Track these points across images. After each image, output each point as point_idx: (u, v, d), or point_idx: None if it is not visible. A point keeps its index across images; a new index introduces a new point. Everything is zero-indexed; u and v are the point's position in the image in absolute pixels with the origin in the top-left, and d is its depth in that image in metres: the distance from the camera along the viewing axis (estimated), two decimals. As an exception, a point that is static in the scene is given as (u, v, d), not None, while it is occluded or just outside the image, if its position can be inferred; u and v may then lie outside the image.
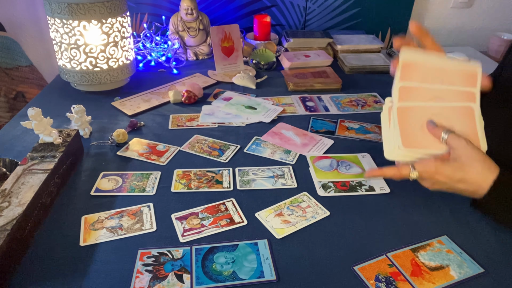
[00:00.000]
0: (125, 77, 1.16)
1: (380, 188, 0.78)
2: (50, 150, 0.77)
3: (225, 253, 0.63)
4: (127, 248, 0.64)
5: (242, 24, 1.54)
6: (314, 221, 0.70)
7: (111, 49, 1.08)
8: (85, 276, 0.59)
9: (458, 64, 0.66)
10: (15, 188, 0.66)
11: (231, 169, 0.83)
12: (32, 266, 0.60)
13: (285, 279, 0.59)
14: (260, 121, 1.02)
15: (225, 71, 1.30)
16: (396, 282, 0.58)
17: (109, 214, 0.71)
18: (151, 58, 1.34)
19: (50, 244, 0.65)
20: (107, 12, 1.03)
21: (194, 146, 0.91)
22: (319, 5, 1.58)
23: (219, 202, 0.74)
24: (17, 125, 0.96)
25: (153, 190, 0.77)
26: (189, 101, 1.10)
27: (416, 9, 1.65)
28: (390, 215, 0.72)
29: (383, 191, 0.77)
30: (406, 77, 0.65)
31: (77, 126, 0.92)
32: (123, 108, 1.06)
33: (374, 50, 1.45)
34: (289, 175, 0.81)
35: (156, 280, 0.58)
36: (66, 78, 1.12)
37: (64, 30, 1.03)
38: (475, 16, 1.72)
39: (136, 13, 1.55)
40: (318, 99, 1.15)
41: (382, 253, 0.63)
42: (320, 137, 0.95)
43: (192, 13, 1.34)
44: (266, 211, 0.72)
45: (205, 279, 0.58)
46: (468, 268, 0.61)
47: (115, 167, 0.84)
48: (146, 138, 0.94)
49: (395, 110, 0.65)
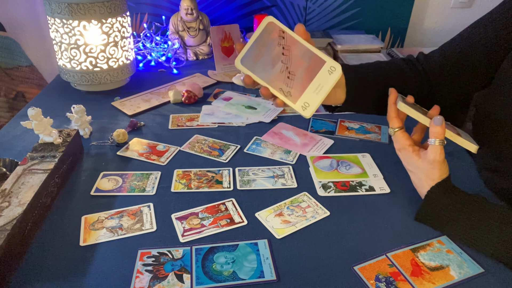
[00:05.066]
0: (125, 77, 1.16)
1: (380, 188, 0.78)
2: (50, 150, 0.77)
3: (225, 253, 0.63)
4: (127, 248, 0.64)
5: (242, 24, 1.54)
6: (314, 221, 0.70)
7: (111, 49, 1.08)
8: (85, 276, 0.59)
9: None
10: (15, 188, 0.66)
11: (231, 169, 0.83)
12: (32, 266, 0.60)
13: (285, 279, 0.59)
14: (260, 121, 1.02)
15: (225, 71, 1.30)
16: (396, 282, 0.58)
17: (109, 214, 0.71)
18: (151, 58, 1.34)
19: (50, 244, 0.65)
20: (107, 12, 1.03)
21: (194, 146, 0.91)
22: (319, 5, 1.58)
23: (219, 202, 0.74)
24: (17, 125, 0.96)
25: (153, 190, 0.77)
26: (189, 101, 1.10)
27: (416, 9, 1.65)
28: (390, 215, 0.72)
29: (383, 191, 0.77)
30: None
31: (77, 126, 0.92)
32: (123, 108, 1.06)
33: (374, 50, 1.45)
34: (289, 175, 0.81)
35: (156, 280, 0.58)
36: (66, 78, 1.12)
37: (64, 30, 1.03)
38: (475, 16, 1.69)
39: (136, 13, 1.55)
40: (318, 99, 1.14)
41: (382, 253, 0.63)
42: (320, 137, 0.95)
43: (192, 13, 1.34)
44: (266, 211, 0.72)
45: (205, 279, 0.58)
46: (468, 268, 0.61)
47: (115, 167, 0.84)
48: (146, 138, 0.94)
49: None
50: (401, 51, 1.55)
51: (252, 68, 0.58)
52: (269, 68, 0.58)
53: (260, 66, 0.58)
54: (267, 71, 0.58)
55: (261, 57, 0.58)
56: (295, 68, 0.58)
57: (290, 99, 0.58)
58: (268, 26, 0.59)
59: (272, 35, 0.59)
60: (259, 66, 0.58)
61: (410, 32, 1.70)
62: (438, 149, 0.65)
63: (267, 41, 0.59)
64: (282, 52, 0.58)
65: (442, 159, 0.65)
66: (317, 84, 0.57)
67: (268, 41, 0.59)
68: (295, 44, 0.58)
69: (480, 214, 0.62)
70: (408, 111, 0.67)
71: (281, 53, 0.58)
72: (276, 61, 0.58)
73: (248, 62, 0.58)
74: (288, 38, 0.59)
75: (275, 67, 0.58)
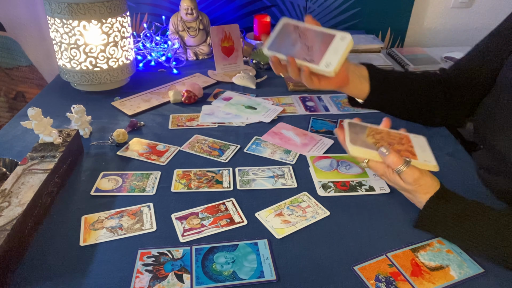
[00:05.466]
0: (125, 77, 1.16)
1: (380, 188, 0.78)
2: (50, 150, 0.77)
3: (225, 253, 0.63)
4: (127, 248, 0.64)
5: (242, 24, 1.54)
6: (314, 221, 0.70)
7: (111, 49, 1.08)
8: (85, 276, 0.59)
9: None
10: (15, 188, 0.66)
11: (231, 169, 0.83)
12: (32, 266, 0.60)
13: (285, 279, 0.59)
14: (260, 121, 1.02)
15: (225, 71, 1.30)
16: (396, 282, 0.58)
17: (109, 214, 0.71)
18: (151, 58, 1.34)
19: (50, 244, 0.65)
20: (107, 12, 1.03)
21: (194, 146, 0.91)
22: (319, 5, 1.58)
23: (219, 202, 0.74)
24: (17, 125, 0.96)
25: (153, 190, 0.77)
26: (189, 101, 1.10)
27: (416, 9, 1.65)
28: (390, 215, 0.72)
29: (383, 191, 0.77)
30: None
31: (77, 126, 0.92)
32: (123, 108, 1.06)
33: (374, 50, 1.45)
34: (289, 175, 0.81)
35: (156, 280, 0.58)
36: (66, 78, 1.12)
37: (64, 30, 1.03)
38: (475, 16, 1.72)
39: (136, 13, 1.55)
40: (318, 99, 1.15)
41: (382, 253, 0.63)
42: (320, 137, 0.95)
43: (192, 13, 1.34)
44: (266, 211, 0.72)
45: (205, 279, 0.59)
46: (468, 268, 0.61)
47: (115, 167, 0.84)
48: (146, 138, 0.94)
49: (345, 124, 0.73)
50: (401, 51, 1.55)
51: (278, 50, 0.69)
52: (291, 47, 0.69)
53: (283, 48, 0.69)
54: (290, 49, 0.69)
55: (283, 42, 0.70)
56: (312, 43, 0.69)
57: (313, 63, 0.67)
58: (284, 24, 0.71)
59: (288, 28, 0.71)
60: (283, 48, 0.69)
61: (410, 32, 1.70)
62: (408, 171, 0.65)
63: (286, 32, 0.71)
64: (299, 35, 0.70)
65: (418, 175, 0.64)
66: (334, 48, 0.67)
67: (286, 32, 0.71)
68: (308, 30, 0.70)
69: (477, 220, 0.62)
70: (360, 153, 0.68)
71: (298, 37, 0.70)
72: (296, 42, 0.69)
73: (273, 48, 0.70)
74: (301, 26, 0.71)
75: (295, 46, 0.69)
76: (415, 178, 0.64)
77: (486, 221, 0.61)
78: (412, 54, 1.52)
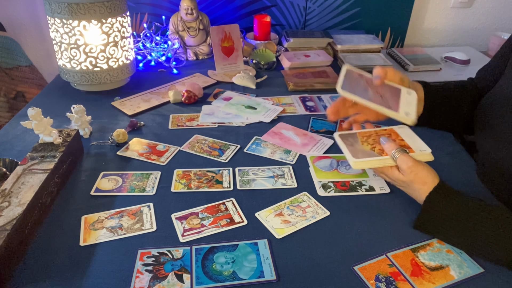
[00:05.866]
0: (125, 77, 1.16)
1: (380, 188, 0.78)
2: (50, 150, 0.77)
3: (225, 253, 0.63)
4: (127, 248, 0.64)
5: (242, 24, 1.54)
6: (314, 221, 0.70)
7: (111, 49, 1.08)
8: (85, 276, 0.59)
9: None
10: (15, 188, 0.66)
11: (231, 169, 0.83)
12: (32, 266, 0.60)
13: (285, 279, 0.59)
14: (260, 121, 1.02)
15: (225, 71, 1.30)
16: (396, 282, 0.58)
17: (109, 214, 0.71)
18: (151, 58, 1.34)
19: (50, 244, 0.65)
20: (107, 12, 1.03)
21: (194, 146, 0.91)
22: (319, 5, 1.58)
23: (219, 202, 0.74)
24: (17, 125, 0.96)
25: (153, 190, 0.77)
26: (189, 101, 1.10)
27: (416, 9, 1.65)
28: (390, 215, 0.72)
29: (383, 191, 0.77)
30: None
31: (77, 126, 0.92)
32: (123, 108, 1.06)
33: (374, 50, 1.45)
34: (289, 175, 0.81)
35: (156, 280, 0.58)
36: (66, 78, 1.12)
37: (64, 30, 1.03)
38: (475, 16, 1.72)
39: (136, 13, 1.55)
40: (318, 99, 1.15)
41: (382, 253, 0.63)
42: (320, 137, 0.95)
43: (192, 13, 1.34)
44: (266, 211, 0.72)
45: (205, 279, 0.59)
46: (468, 268, 0.61)
47: (115, 167, 0.84)
48: (146, 138, 0.94)
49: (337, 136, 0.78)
50: (401, 51, 1.55)
51: (352, 92, 0.73)
52: (364, 93, 0.74)
53: (356, 91, 0.74)
54: (364, 95, 0.73)
55: (354, 87, 0.75)
56: (382, 93, 0.74)
57: (391, 109, 0.72)
58: (348, 70, 0.78)
59: (353, 75, 0.78)
60: (356, 92, 0.74)
61: (410, 32, 1.70)
62: (403, 158, 0.66)
63: (352, 78, 0.77)
64: (367, 83, 0.76)
65: (414, 162, 0.66)
66: (405, 100, 0.73)
67: (352, 78, 0.77)
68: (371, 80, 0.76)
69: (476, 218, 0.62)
70: (365, 165, 0.73)
71: (367, 84, 0.76)
72: (366, 89, 0.75)
73: (346, 88, 0.74)
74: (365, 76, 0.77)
75: (367, 92, 0.74)
76: (409, 165, 0.66)
77: (487, 222, 0.61)
78: (412, 54, 1.53)
